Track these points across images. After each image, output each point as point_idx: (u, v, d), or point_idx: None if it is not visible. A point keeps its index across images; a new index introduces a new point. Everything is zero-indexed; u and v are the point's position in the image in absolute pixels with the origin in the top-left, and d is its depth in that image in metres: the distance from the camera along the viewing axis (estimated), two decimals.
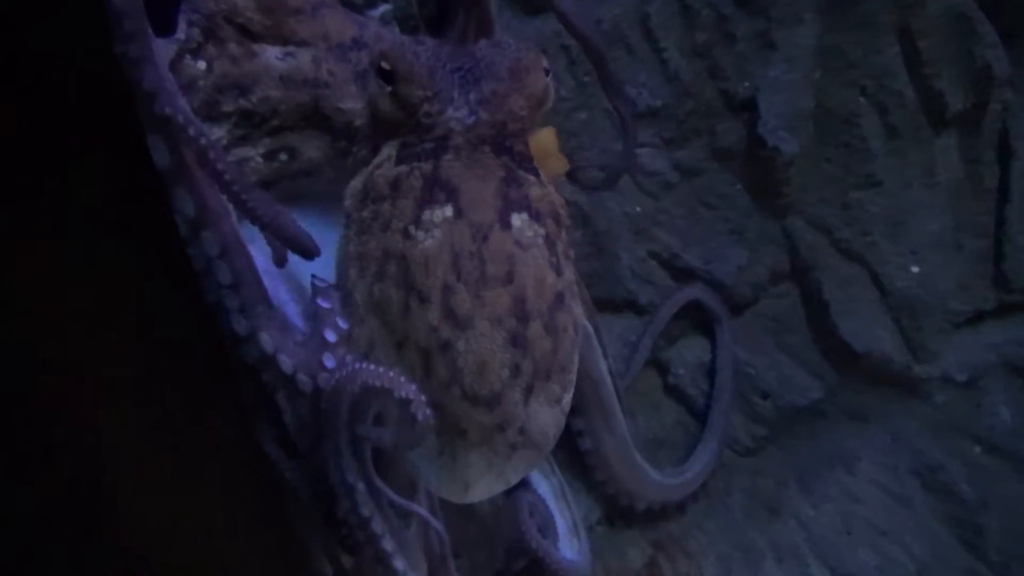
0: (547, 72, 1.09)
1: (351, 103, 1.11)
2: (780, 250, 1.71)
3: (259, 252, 1.07)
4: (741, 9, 1.68)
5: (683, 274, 1.68)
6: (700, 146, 1.67)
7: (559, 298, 0.97)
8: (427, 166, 0.99)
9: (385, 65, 1.04)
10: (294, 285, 1.08)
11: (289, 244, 0.99)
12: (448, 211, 0.94)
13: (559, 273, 0.98)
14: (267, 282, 1.05)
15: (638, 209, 1.67)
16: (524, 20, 1.59)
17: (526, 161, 1.04)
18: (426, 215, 0.96)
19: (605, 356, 1.44)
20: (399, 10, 1.42)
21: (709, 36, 1.68)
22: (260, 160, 1.13)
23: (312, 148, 1.13)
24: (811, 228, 1.71)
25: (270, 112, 1.10)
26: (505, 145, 1.01)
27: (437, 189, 0.97)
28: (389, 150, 1.06)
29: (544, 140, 1.13)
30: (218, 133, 1.10)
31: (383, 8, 1.41)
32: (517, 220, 0.97)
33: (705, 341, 1.69)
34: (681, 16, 1.66)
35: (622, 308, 1.68)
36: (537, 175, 1.06)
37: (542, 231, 0.99)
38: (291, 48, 1.12)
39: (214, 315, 0.96)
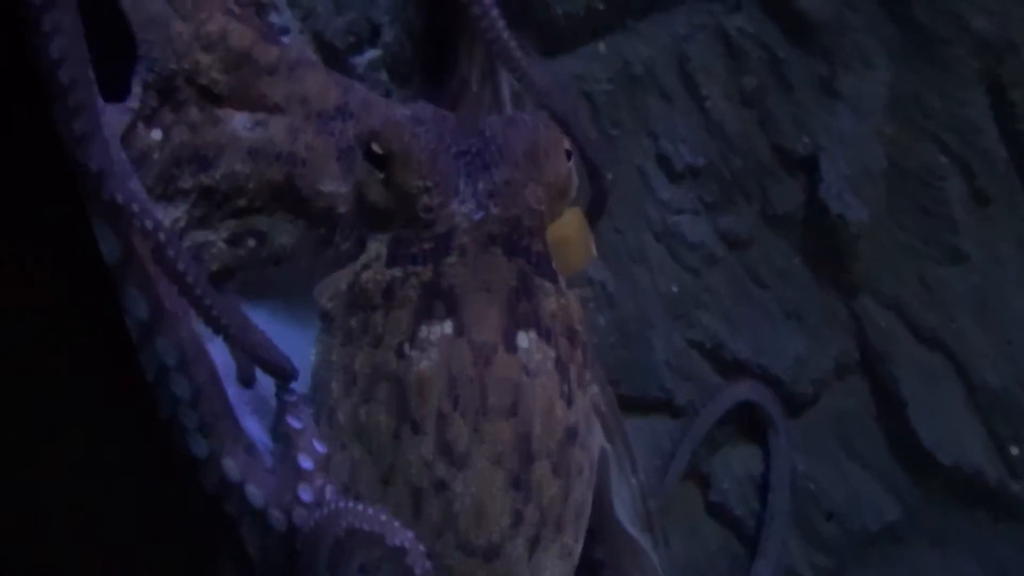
0: (569, 155, 1.11)
1: (333, 185, 1.13)
2: (847, 337, 1.72)
3: (219, 349, 1.10)
4: (798, 49, 1.70)
5: (730, 367, 1.69)
6: (750, 212, 1.70)
7: (571, 434, 0.99)
8: (426, 271, 1.01)
9: (377, 148, 1.06)
10: (257, 390, 1.12)
11: (263, 366, 1.02)
12: (448, 328, 0.97)
13: (571, 403, 1.00)
14: (228, 387, 1.09)
15: (675, 288, 1.68)
16: (539, 62, 1.61)
17: (543, 263, 1.06)
18: (423, 332, 0.98)
19: (634, 471, 1.42)
20: (390, 55, 1.46)
21: (760, 81, 1.69)
22: (222, 245, 1.15)
23: (284, 234, 1.15)
24: (885, 311, 1.73)
25: (235, 190, 1.12)
26: (519, 245, 1.03)
27: (437, 301, 0.99)
28: (379, 246, 1.08)
29: (567, 226, 1.14)
30: (174, 213, 1.13)
31: (371, 54, 1.45)
32: (524, 340, 0.99)
33: (756, 449, 1.71)
34: (726, 57, 1.67)
35: (656, 409, 1.68)
36: (555, 279, 1.07)
37: (552, 353, 1.00)
38: (262, 115, 1.14)
39: (168, 433, 0.99)
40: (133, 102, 1.08)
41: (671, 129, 1.67)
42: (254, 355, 1.00)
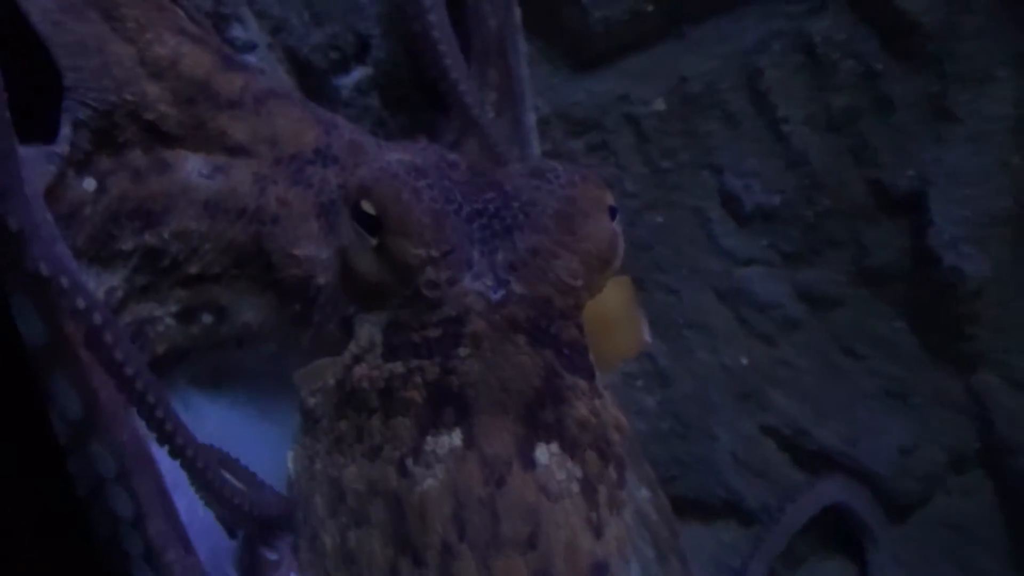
0: (613, 213, 1.10)
1: (311, 248, 1.13)
2: (965, 422, 1.73)
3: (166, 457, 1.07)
4: (899, 60, 1.70)
5: (815, 460, 1.71)
6: (839, 264, 1.70)
7: (599, 571, 0.99)
8: (433, 368, 1.01)
9: (368, 206, 1.05)
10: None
11: (217, 501, 1.01)
12: (456, 439, 0.99)
13: (600, 534, 1.01)
14: (178, 499, 1.06)
15: (744, 361, 1.70)
16: (571, 80, 1.65)
17: (577, 356, 1.05)
18: (429, 444, 0.99)
19: None
20: (382, 74, 1.47)
21: (852, 100, 1.70)
22: (171, 322, 1.16)
23: (249, 309, 1.16)
24: (1011, 388, 1.72)
25: (188, 253, 1.14)
26: (548, 333, 1.03)
27: (446, 406, 1.00)
28: (372, 331, 1.07)
29: (610, 304, 1.14)
30: (111, 281, 1.13)
31: (359, 73, 1.47)
32: (544, 455, 1.00)
33: (849, 564, 1.70)
34: (809, 71, 1.69)
35: (720, 515, 1.69)
36: (590, 375, 1.06)
37: (578, 471, 1.01)
38: (222, 159, 1.16)
39: (106, 561, 1.00)
40: (61, 146, 1.08)
41: (739, 161, 1.68)
42: (204, 482, 0.99)
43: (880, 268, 1.71)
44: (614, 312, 1.15)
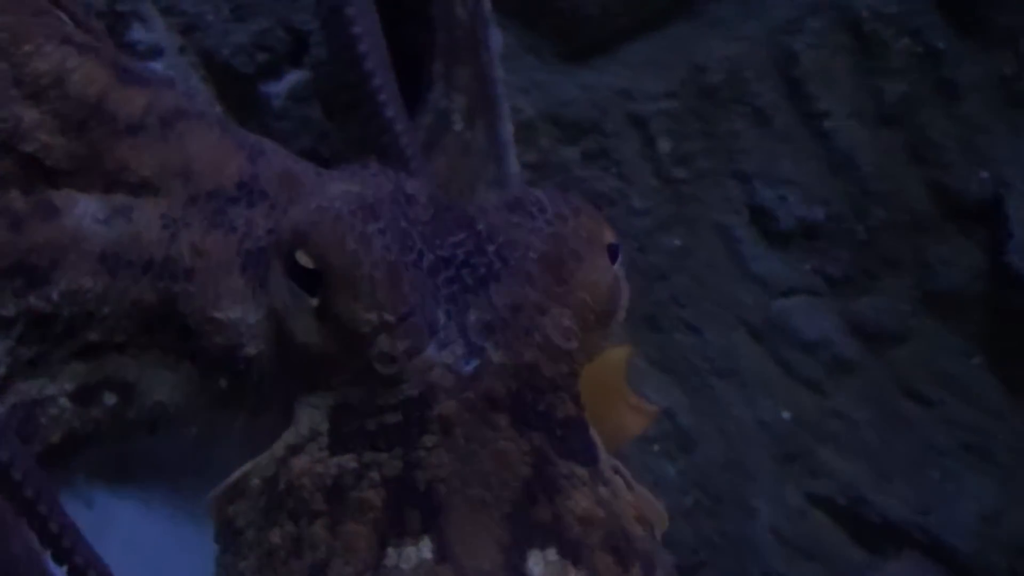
0: (614, 253, 1.08)
1: (236, 310, 1.12)
2: None
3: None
4: (968, 39, 1.70)
5: (877, 536, 1.70)
6: (900, 290, 1.73)
7: None
8: (393, 462, 0.98)
9: (304, 259, 1.03)
10: None
11: None
12: (426, 550, 0.94)
13: None
14: None
15: (786, 415, 1.69)
16: (561, 73, 1.65)
17: (574, 435, 1.03)
18: (391, 558, 0.95)
19: None
20: (323, 78, 1.47)
21: (909, 87, 1.71)
22: (66, 403, 1.14)
23: (162, 386, 1.14)
24: None
25: (83, 318, 1.12)
26: (536, 410, 1.01)
27: (411, 509, 0.97)
28: (315, 416, 1.05)
29: (614, 366, 1.13)
30: None
31: (294, 77, 1.48)
32: (538, 565, 0.96)
33: None
34: (854, 53, 1.70)
35: None
36: (593, 458, 1.04)
37: None
38: (122, 199, 1.14)
39: None
40: None
41: (771, 166, 1.72)
42: None
43: (950, 294, 1.73)
44: (619, 377, 1.15)
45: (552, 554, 0.97)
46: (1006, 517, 1.74)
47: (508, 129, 1.46)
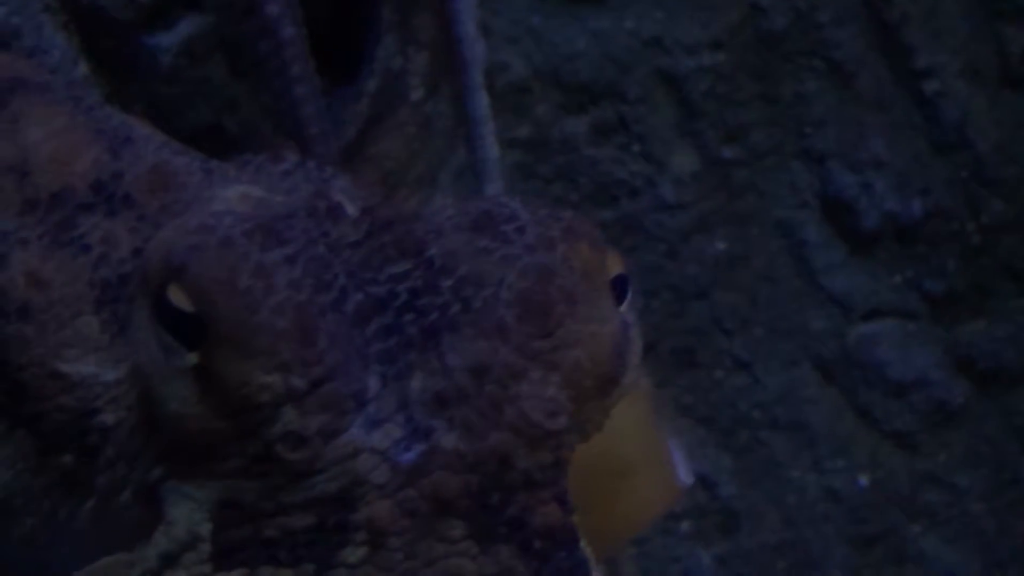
0: (621, 290, 0.87)
1: (87, 362, 0.95)
2: None
3: None
4: None
5: None
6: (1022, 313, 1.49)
7: None
8: None
9: (180, 299, 0.85)
10: None
11: None
12: None
13: None
14: None
15: (865, 481, 1.47)
16: (564, 17, 1.47)
17: (560, 549, 0.84)
18: None
19: None
20: (228, 26, 1.31)
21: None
22: None
23: None
24: None
25: None
26: (505, 515, 0.83)
27: None
28: (194, 513, 0.89)
29: (620, 440, 0.92)
30: None
31: (188, 26, 1.31)
32: None
33: None
34: None
35: None
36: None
37: None
38: None
39: None
40: None
41: (854, 143, 1.50)
42: None
43: None
44: (624, 454, 0.96)
45: None
46: None
47: (483, 98, 1.35)
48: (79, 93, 1.06)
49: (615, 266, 0.87)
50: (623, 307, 0.89)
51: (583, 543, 0.85)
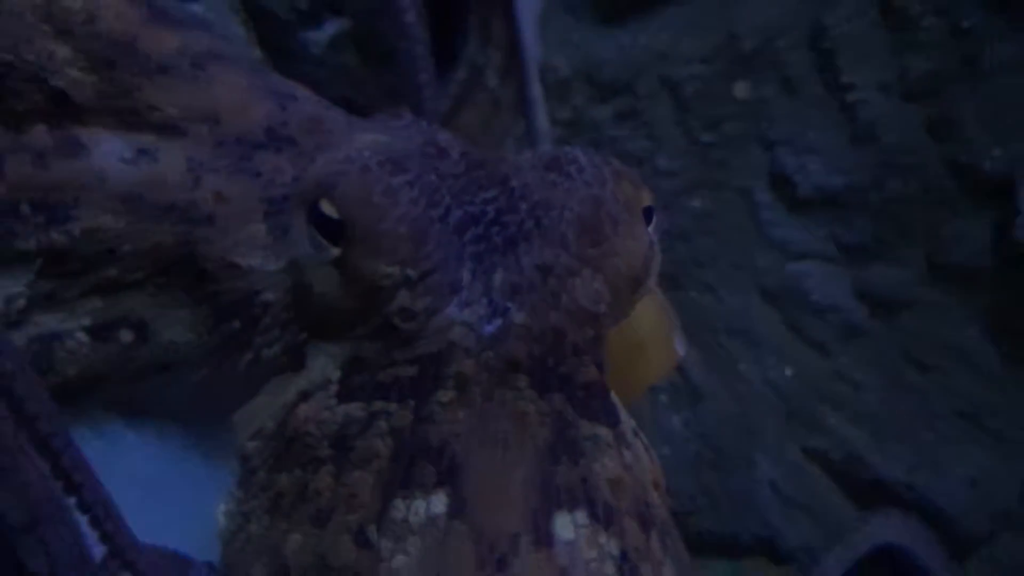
0: (650, 217, 1.00)
1: (255, 257, 1.04)
2: None
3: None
4: (997, 17, 1.55)
5: (869, 493, 1.60)
6: (911, 260, 1.60)
7: None
8: (403, 413, 0.92)
9: (329, 209, 0.95)
10: None
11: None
12: (440, 504, 0.88)
13: None
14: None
15: (791, 373, 1.59)
16: (597, 34, 1.57)
17: (596, 398, 0.95)
18: (398, 509, 0.88)
19: None
20: (362, 26, 1.40)
21: (935, 63, 1.57)
22: (83, 338, 1.07)
23: (175, 325, 1.07)
24: None
25: (102, 255, 1.05)
26: (557, 373, 0.93)
27: (422, 461, 0.89)
28: (328, 364, 0.99)
29: (639, 326, 1.05)
30: (9, 287, 1.05)
31: (334, 26, 1.41)
32: (567, 528, 0.88)
33: None
34: (885, 27, 1.58)
35: (751, 552, 1.58)
36: (614, 420, 0.95)
37: (614, 547, 0.89)
38: (148, 139, 1.06)
39: None
40: None
41: (796, 134, 1.62)
42: (114, 547, 0.92)
43: (959, 266, 1.60)
44: (644, 336, 1.07)
45: (582, 517, 0.89)
46: (993, 482, 1.63)
47: (538, 88, 1.44)
48: (257, 65, 1.16)
49: (647, 199, 1.01)
50: (650, 227, 1.01)
51: (612, 394, 0.98)
